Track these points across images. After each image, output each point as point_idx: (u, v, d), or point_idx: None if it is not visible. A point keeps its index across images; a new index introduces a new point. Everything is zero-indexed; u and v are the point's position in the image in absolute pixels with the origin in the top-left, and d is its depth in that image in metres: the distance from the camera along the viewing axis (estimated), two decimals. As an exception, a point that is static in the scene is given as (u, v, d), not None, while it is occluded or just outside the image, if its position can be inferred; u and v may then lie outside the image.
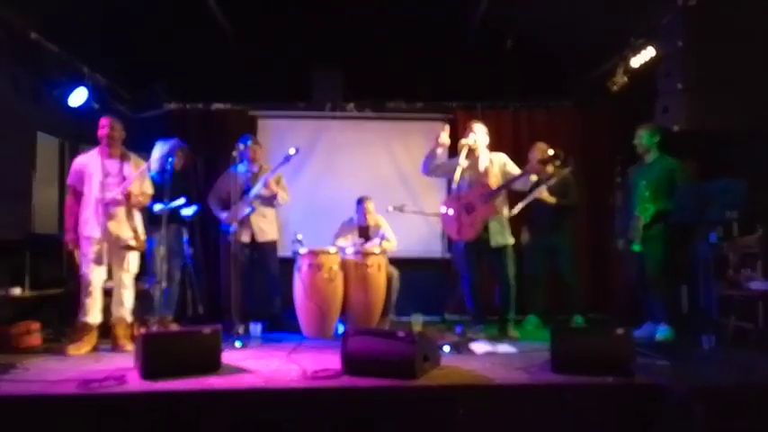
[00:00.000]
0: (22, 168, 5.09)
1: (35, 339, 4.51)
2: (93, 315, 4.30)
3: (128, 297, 4.41)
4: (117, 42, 5.17)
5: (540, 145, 5.34)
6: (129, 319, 4.43)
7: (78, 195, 4.39)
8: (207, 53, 5.83)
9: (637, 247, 4.55)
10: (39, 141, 5.30)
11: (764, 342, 4.30)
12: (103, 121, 4.41)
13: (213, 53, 5.85)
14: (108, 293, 4.43)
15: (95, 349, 4.25)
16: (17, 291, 4.53)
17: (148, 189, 4.57)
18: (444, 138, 4.64)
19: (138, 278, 5.00)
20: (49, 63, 4.90)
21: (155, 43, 5.34)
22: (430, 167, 4.77)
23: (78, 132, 5.37)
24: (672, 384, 3.05)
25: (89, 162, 4.39)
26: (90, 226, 4.30)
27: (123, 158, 4.45)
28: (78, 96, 5.11)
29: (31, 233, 5.06)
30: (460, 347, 4.03)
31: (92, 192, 4.33)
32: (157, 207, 4.74)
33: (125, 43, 5.23)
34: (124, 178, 4.34)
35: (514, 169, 4.77)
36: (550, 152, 4.45)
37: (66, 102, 5.07)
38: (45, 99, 5.04)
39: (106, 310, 4.39)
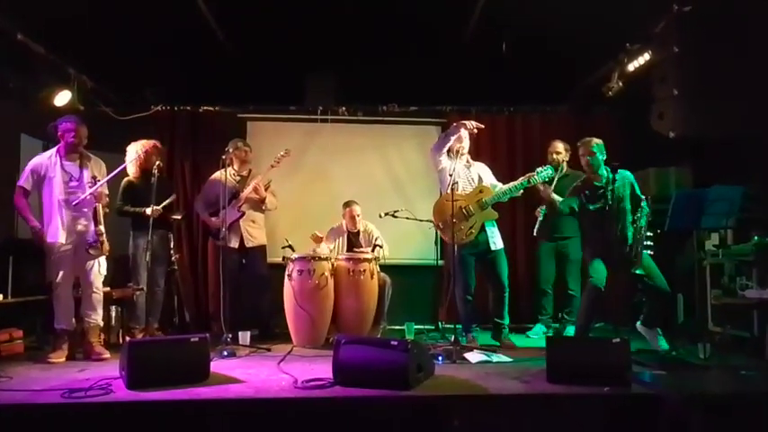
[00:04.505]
0: (5, 171, 4.99)
1: (17, 347, 4.43)
2: (67, 321, 4.19)
3: (98, 301, 4.28)
4: (104, 44, 5.08)
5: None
6: (101, 323, 4.32)
7: (28, 196, 4.22)
8: (197, 56, 5.75)
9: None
10: (22, 144, 5.20)
11: (759, 350, 4.27)
12: (68, 124, 4.25)
13: (203, 56, 5.77)
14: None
15: (72, 358, 4.14)
16: (-1, 297, 4.43)
17: (105, 190, 4.45)
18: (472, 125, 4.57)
19: (124, 285, 4.93)
20: (35, 64, 4.78)
21: (144, 45, 5.25)
22: (442, 148, 4.67)
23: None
24: (668, 393, 3.02)
25: (47, 164, 4.23)
26: (53, 231, 4.15)
27: (83, 160, 4.31)
28: (62, 98, 5.01)
29: (15, 238, 4.96)
30: (455, 356, 3.96)
31: (53, 194, 4.17)
32: (148, 211, 4.66)
33: (113, 45, 5.14)
34: (94, 178, 4.21)
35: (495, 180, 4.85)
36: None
37: (51, 103, 4.96)
38: (30, 101, 4.93)
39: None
